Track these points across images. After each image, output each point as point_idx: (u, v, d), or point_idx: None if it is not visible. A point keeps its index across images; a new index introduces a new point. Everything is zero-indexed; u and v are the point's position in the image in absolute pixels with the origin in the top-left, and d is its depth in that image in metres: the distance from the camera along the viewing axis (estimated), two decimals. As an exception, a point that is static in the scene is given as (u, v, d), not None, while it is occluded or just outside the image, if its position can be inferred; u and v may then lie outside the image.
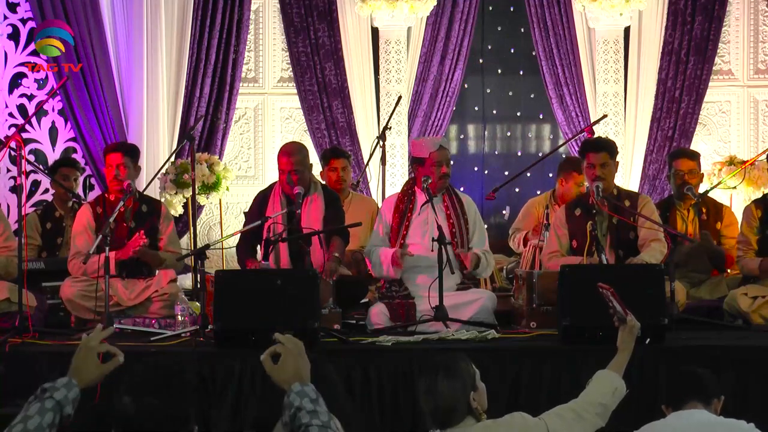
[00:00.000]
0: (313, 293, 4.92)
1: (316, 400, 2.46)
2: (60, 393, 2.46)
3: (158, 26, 8.48)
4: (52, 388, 2.47)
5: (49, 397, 2.44)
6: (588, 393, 3.52)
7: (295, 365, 2.53)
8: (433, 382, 3.21)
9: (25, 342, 5.11)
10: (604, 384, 3.54)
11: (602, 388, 3.52)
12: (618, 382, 3.57)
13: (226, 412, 4.68)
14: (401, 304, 5.62)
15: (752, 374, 4.80)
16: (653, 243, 5.86)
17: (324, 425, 2.40)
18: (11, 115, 8.34)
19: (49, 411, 2.42)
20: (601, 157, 5.96)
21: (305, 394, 2.46)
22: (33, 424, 2.39)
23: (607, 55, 8.95)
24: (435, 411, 3.21)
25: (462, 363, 3.28)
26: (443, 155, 5.79)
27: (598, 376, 3.58)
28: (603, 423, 3.49)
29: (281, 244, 5.75)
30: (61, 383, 2.49)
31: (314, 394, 2.47)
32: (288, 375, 2.52)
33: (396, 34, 8.96)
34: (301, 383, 2.49)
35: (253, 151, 9.12)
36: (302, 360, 2.55)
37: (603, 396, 3.50)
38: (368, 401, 4.72)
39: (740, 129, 9.11)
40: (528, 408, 3.49)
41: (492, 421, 3.27)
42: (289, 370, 2.52)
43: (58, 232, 6.87)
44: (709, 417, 3.49)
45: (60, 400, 2.45)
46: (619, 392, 3.56)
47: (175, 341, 5.19)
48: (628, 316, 3.76)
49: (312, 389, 2.48)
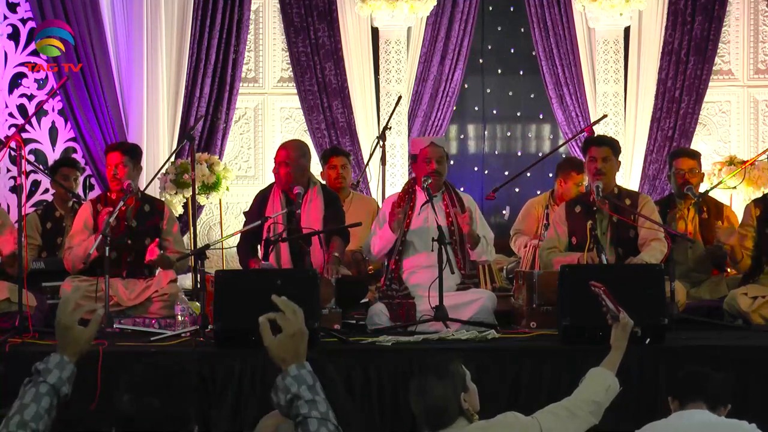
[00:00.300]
0: (313, 293, 4.91)
1: (313, 387, 2.39)
2: (53, 375, 2.43)
3: (158, 26, 8.48)
4: (45, 370, 2.44)
5: (42, 381, 2.42)
6: (581, 391, 3.51)
7: (295, 343, 2.45)
8: (423, 384, 3.21)
9: (25, 342, 5.11)
10: (597, 382, 3.53)
11: (595, 386, 3.51)
12: (611, 380, 3.56)
13: (226, 412, 4.68)
14: (401, 304, 5.62)
15: (752, 374, 4.80)
16: (653, 242, 5.86)
17: (323, 417, 2.35)
18: (11, 115, 8.34)
19: (44, 396, 2.40)
20: (603, 151, 5.96)
21: (302, 380, 2.39)
22: (30, 413, 2.37)
23: (607, 55, 8.95)
24: (425, 412, 3.20)
25: (452, 364, 3.27)
26: (433, 151, 5.80)
27: (591, 374, 3.57)
28: (596, 420, 3.48)
29: (281, 244, 5.75)
30: (54, 363, 2.46)
31: (311, 379, 2.40)
32: (287, 354, 2.43)
33: (396, 34, 8.96)
34: (297, 366, 2.41)
35: (253, 151, 9.12)
36: (301, 336, 2.47)
37: (596, 394, 3.49)
38: (368, 401, 4.71)
39: (740, 129, 9.11)
40: (528, 408, 3.49)
41: (485, 422, 3.25)
42: (288, 349, 2.44)
43: (58, 232, 6.87)
44: (711, 417, 3.49)
45: (54, 383, 2.42)
46: (612, 390, 3.55)
47: (175, 341, 5.18)
48: (620, 313, 3.75)
49: (308, 372, 2.41)
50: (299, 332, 2.47)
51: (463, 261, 5.77)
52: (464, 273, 5.76)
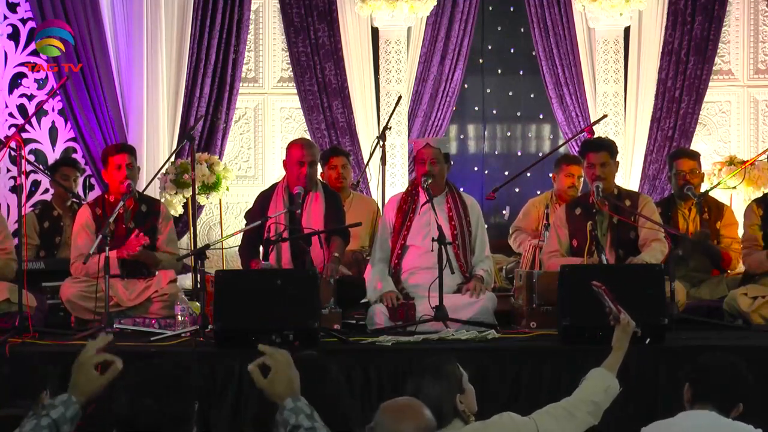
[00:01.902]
0: (313, 293, 4.92)
1: (311, 416, 2.44)
2: (57, 411, 2.43)
3: (158, 26, 8.48)
4: (50, 405, 2.43)
5: (45, 414, 2.41)
6: (580, 391, 3.50)
7: (288, 378, 2.50)
8: (419, 385, 3.20)
9: (25, 342, 5.11)
10: (596, 382, 3.53)
11: (595, 387, 3.51)
12: (611, 381, 3.55)
13: (226, 412, 4.68)
14: (401, 304, 5.62)
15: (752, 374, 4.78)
16: (654, 243, 5.86)
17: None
18: (11, 115, 8.34)
19: (44, 429, 2.39)
20: (601, 157, 5.97)
21: (300, 410, 2.44)
22: None
23: (607, 55, 8.95)
24: None
25: (448, 365, 3.26)
26: (428, 153, 5.82)
27: (592, 375, 3.56)
28: (595, 421, 3.47)
29: (282, 244, 5.75)
30: (60, 401, 2.45)
31: (308, 409, 2.45)
32: (281, 389, 2.49)
33: (396, 34, 8.96)
34: (293, 398, 2.47)
35: (253, 151, 9.11)
36: (293, 372, 2.52)
37: (595, 394, 3.48)
38: (368, 401, 4.72)
39: (740, 129, 9.11)
40: (528, 408, 3.49)
41: (480, 423, 3.24)
42: (281, 384, 2.49)
43: (56, 232, 6.87)
44: (718, 419, 3.45)
45: (56, 418, 2.41)
46: (612, 390, 3.54)
47: (175, 341, 5.19)
48: (621, 314, 3.74)
49: (305, 403, 2.46)
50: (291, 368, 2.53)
51: (465, 265, 5.77)
52: (466, 276, 5.76)
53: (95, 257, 5.55)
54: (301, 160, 5.84)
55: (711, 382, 3.51)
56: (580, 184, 7.16)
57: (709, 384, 3.51)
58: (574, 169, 7.08)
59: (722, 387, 3.51)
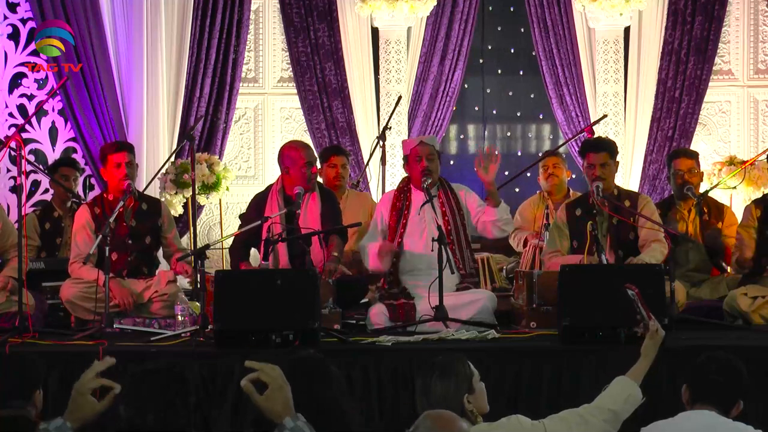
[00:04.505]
0: (313, 293, 4.91)
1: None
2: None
3: (158, 26, 8.48)
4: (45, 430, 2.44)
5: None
6: (600, 398, 3.44)
7: (283, 396, 2.50)
8: (427, 383, 3.18)
9: (25, 342, 5.11)
10: (617, 390, 3.46)
11: (615, 395, 3.44)
12: (632, 389, 3.49)
13: (226, 412, 4.68)
14: (401, 304, 5.62)
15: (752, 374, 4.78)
16: (654, 243, 5.86)
17: None
18: (11, 115, 8.34)
19: None
20: (601, 157, 5.97)
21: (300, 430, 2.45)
22: None
23: (607, 55, 8.95)
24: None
25: (458, 364, 3.24)
26: (423, 150, 5.84)
27: (615, 382, 3.49)
28: (613, 430, 3.42)
29: (279, 245, 5.75)
30: (55, 426, 2.46)
31: (308, 429, 2.46)
32: (279, 408, 2.49)
33: (396, 34, 8.96)
34: (292, 418, 2.47)
35: (253, 151, 9.12)
36: (287, 388, 2.53)
37: (614, 403, 3.42)
38: (368, 401, 4.71)
39: (740, 129, 9.11)
40: (528, 408, 3.48)
41: (486, 425, 3.22)
42: (278, 403, 2.50)
43: (57, 232, 6.86)
44: (718, 419, 3.44)
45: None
46: (633, 399, 3.48)
47: (175, 341, 5.19)
48: (651, 321, 3.70)
49: (303, 422, 2.47)
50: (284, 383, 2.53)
51: (462, 261, 5.77)
52: (463, 273, 5.77)
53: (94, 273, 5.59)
54: (309, 161, 5.89)
55: (709, 383, 3.51)
56: (561, 173, 7.26)
57: (707, 384, 3.50)
58: (548, 161, 7.33)
59: (720, 386, 3.50)
